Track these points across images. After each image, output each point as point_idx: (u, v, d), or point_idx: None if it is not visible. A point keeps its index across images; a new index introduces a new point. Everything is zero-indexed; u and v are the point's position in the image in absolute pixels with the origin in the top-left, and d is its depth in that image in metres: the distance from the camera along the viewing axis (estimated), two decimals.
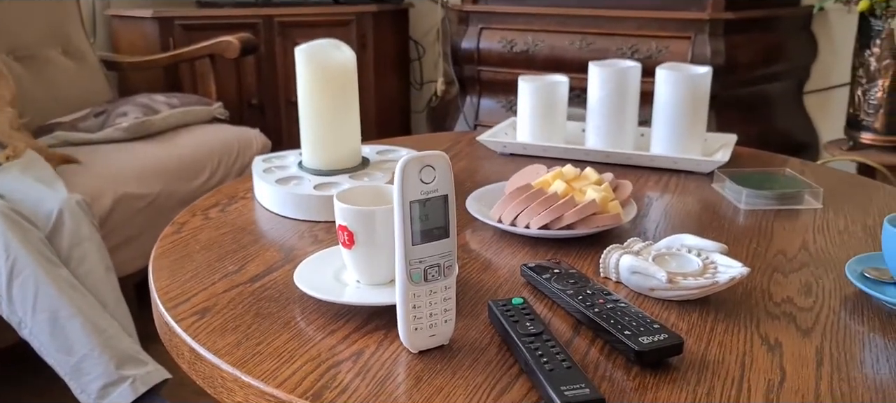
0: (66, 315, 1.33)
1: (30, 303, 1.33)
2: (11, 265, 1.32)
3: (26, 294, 1.33)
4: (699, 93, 1.17)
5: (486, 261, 0.85)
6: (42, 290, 1.33)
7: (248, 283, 0.79)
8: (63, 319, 1.33)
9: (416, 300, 0.64)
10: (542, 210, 0.88)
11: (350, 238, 0.73)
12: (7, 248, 1.31)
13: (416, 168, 0.61)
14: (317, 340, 0.68)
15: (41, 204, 1.46)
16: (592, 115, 1.23)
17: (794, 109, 2.60)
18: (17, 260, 1.32)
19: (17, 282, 1.33)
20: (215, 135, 2.06)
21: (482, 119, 2.60)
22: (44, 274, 1.33)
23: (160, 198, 1.79)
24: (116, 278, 1.52)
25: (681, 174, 1.17)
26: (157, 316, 0.77)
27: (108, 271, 1.49)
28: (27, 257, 1.33)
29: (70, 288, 1.37)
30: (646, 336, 0.64)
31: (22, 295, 1.33)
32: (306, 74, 1.02)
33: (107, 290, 1.47)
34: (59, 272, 1.38)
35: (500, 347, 0.67)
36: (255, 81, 2.58)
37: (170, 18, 2.45)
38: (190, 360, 0.69)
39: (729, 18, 2.20)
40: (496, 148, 1.29)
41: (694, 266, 0.76)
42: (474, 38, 2.51)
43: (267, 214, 1.01)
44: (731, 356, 0.65)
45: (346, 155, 1.05)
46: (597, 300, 0.71)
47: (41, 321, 1.33)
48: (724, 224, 0.97)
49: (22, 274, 1.32)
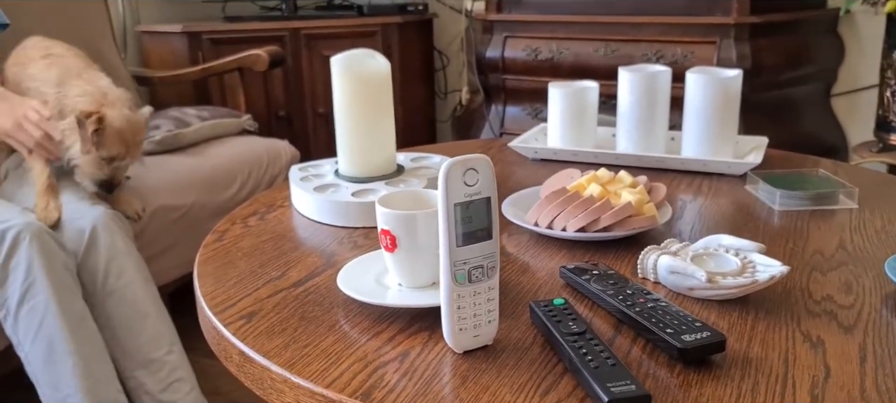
0: (62, 350, 1.34)
1: (33, 329, 1.35)
2: (28, 287, 1.33)
3: (32, 319, 1.34)
4: (730, 95, 1.17)
5: (524, 264, 0.86)
6: (48, 320, 1.34)
7: (291, 288, 0.81)
8: (58, 353, 1.34)
9: (461, 301, 0.65)
10: (578, 213, 0.89)
11: (392, 242, 0.74)
12: (29, 270, 1.33)
13: (460, 171, 0.62)
14: (362, 342, 0.69)
15: (75, 220, 1.48)
16: (623, 120, 1.24)
17: (822, 112, 2.58)
18: (34, 284, 1.34)
19: (28, 305, 1.34)
20: (245, 147, 2.09)
21: (508, 127, 2.61)
22: (56, 305, 1.34)
23: (194, 209, 1.82)
24: (155, 288, 1.54)
25: (712, 177, 1.18)
26: (204, 321, 0.79)
27: (146, 282, 1.51)
28: (45, 282, 1.34)
29: (77, 322, 1.37)
30: (688, 333, 0.64)
31: (28, 319, 1.34)
32: (342, 84, 1.04)
33: (147, 301, 1.49)
34: (74, 304, 1.39)
35: (543, 347, 0.68)
36: (283, 93, 2.61)
37: (198, 33, 2.49)
38: (238, 363, 0.71)
39: (754, 22, 2.19)
40: (527, 153, 1.30)
41: (732, 265, 0.76)
42: (499, 46, 2.53)
43: (305, 221, 1.02)
44: (774, 353, 0.65)
45: (381, 162, 1.07)
46: (637, 299, 0.71)
47: (39, 349, 1.35)
48: (759, 225, 0.97)
49: (35, 299, 1.34)
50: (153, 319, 1.49)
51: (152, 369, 1.48)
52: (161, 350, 1.49)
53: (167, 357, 1.49)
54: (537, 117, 2.57)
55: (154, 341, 1.49)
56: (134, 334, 1.47)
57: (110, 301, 1.47)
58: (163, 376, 1.48)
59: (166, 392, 1.48)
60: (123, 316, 1.47)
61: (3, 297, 1.34)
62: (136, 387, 1.47)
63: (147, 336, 1.48)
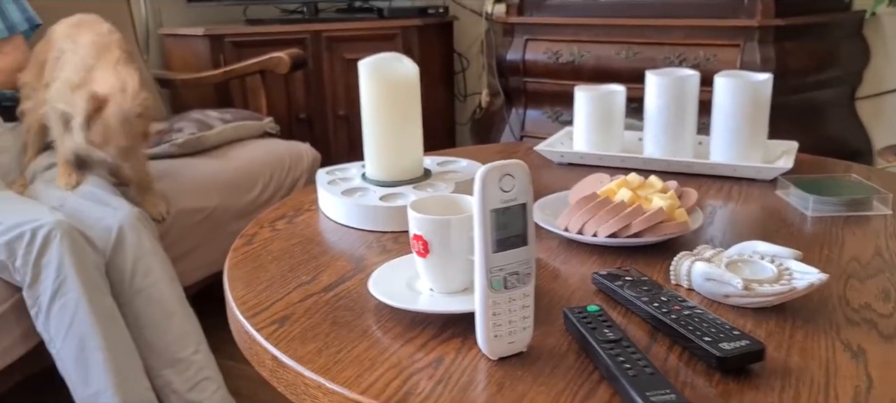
0: (93, 346, 1.36)
1: (65, 326, 1.36)
2: (59, 284, 1.35)
3: (64, 316, 1.36)
4: (760, 100, 1.16)
5: (555, 270, 0.86)
6: (79, 317, 1.35)
7: (322, 293, 0.81)
8: (89, 350, 1.36)
9: (496, 307, 0.64)
10: (609, 218, 0.88)
11: (425, 247, 0.74)
12: (60, 267, 1.34)
13: (496, 177, 0.62)
14: (395, 348, 0.69)
15: (102, 220, 1.49)
16: (650, 124, 1.23)
17: (847, 115, 2.55)
18: (66, 281, 1.35)
19: (60, 303, 1.35)
20: (267, 150, 2.09)
21: (528, 130, 2.60)
22: (86, 302, 1.36)
23: (217, 212, 1.82)
24: (181, 288, 1.55)
25: (742, 181, 1.16)
26: (235, 325, 0.79)
27: (172, 281, 1.52)
28: (76, 280, 1.35)
29: (108, 319, 1.39)
30: (726, 342, 0.64)
31: (60, 316, 1.36)
32: (370, 87, 1.04)
33: (173, 301, 1.50)
34: (103, 301, 1.40)
35: (579, 354, 0.67)
36: (304, 95, 2.62)
37: (220, 36, 2.50)
38: (271, 368, 0.71)
39: (779, 25, 2.17)
40: (553, 158, 1.29)
41: (768, 272, 0.75)
42: (520, 49, 2.52)
43: (333, 225, 1.02)
44: (814, 362, 0.64)
45: (409, 166, 1.07)
46: (673, 306, 0.71)
47: (70, 346, 1.36)
48: (792, 231, 0.96)
49: (66, 297, 1.35)
50: (179, 318, 1.50)
51: (179, 368, 1.49)
52: (188, 350, 1.50)
53: (194, 356, 1.50)
54: (558, 120, 2.56)
55: (181, 340, 1.50)
56: (161, 333, 1.49)
57: (137, 299, 1.48)
58: (190, 375, 1.49)
59: (193, 391, 1.49)
60: (150, 315, 1.48)
61: (35, 295, 1.35)
62: (163, 386, 1.48)
63: (174, 336, 1.49)
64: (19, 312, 1.38)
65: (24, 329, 1.40)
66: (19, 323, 1.39)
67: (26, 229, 1.34)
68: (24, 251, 1.33)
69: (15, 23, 1.83)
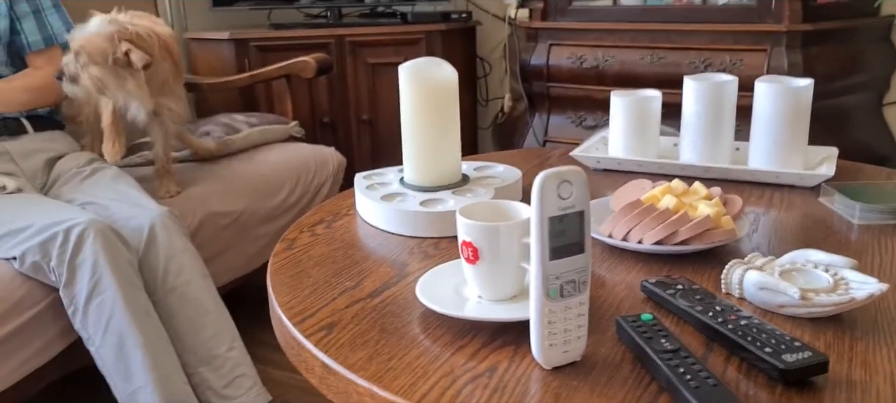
0: (131, 343, 1.37)
1: (103, 325, 1.37)
2: (95, 283, 1.36)
3: (101, 314, 1.36)
4: (801, 105, 1.14)
5: (601, 278, 0.85)
6: (116, 314, 1.36)
7: (368, 299, 0.80)
8: (128, 347, 1.37)
9: (552, 316, 0.64)
10: (655, 225, 0.87)
11: (474, 253, 0.73)
12: (95, 266, 1.35)
13: (555, 183, 0.61)
14: (446, 356, 0.68)
15: (132, 219, 1.50)
16: (687, 130, 1.22)
17: (874, 121, 2.52)
18: (101, 280, 1.36)
19: (96, 301, 1.36)
20: (293, 154, 2.09)
21: (552, 135, 2.59)
22: (122, 299, 1.37)
23: (244, 216, 1.82)
24: (214, 286, 1.55)
25: (783, 188, 1.15)
26: (281, 331, 0.78)
27: (205, 278, 1.53)
28: (111, 278, 1.36)
29: (144, 316, 1.40)
30: (788, 353, 0.62)
31: (97, 314, 1.37)
32: (410, 92, 1.03)
33: (207, 298, 1.51)
34: (138, 298, 1.41)
35: (634, 364, 0.66)
36: (327, 100, 2.62)
37: (245, 40, 2.51)
38: (321, 375, 0.70)
39: (806, 30, 2.15)
40: (589, 163, 1.28)
41: (824, 282, 0.74)
42: (544, 54, 2.51)
43: (372, 230, 1.02)
44: (879, 375, 0.63)
45: (448, 171, 1.06)
46: (729, 316, 0.69)
47: (109, 344, 1.37)
48: (839, 239, 0.94)
49: (102, 295, 1.36)
50: (214, 316, 1.50)
51: (215, 365, 1.49)
52: (223, 347, 1.50)
53: (229, 353, 1.50)
54: (581, 125, 2.55)
55: (216, 337, 1.50)
56: (196, 330, 1.49)
57: (171, 298, 1.48)
58: (225, 372, 1.49)
59: (229, 388, 1.49)
60: (185, 314, 1.49)
61: (71, 294, 1.36)
62: (199, 383, 1.49)
63: (209, 333, 1.50)
64: (56, 311, 1.39)
65: (61, 327, 1.41)
66: (56, 322, 1.40)
67: (60, 229, 1.35)
68: (59, 251, 1.34)
69: (54, 33, 1.79)
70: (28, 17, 1.74)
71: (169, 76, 1.67)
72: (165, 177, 1.78)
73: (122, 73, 1.57)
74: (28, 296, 1.36)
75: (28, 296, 1.36)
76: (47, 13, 1.78)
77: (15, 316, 1.34)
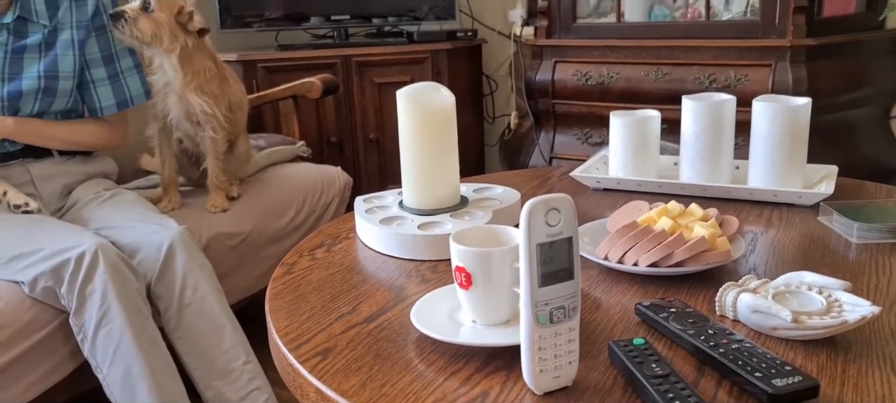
0: (137, 373, 1.39)
1: (110, 354, 1.39)
2: (104, 313, 1.38)
3: (109, 344, 1.39)
4: (799, 124, 1.15)
5: (596, 300, 0.85)
6: (123, 344, 1.38)
7: (363, 324, 0.81)
8: (134, 376, 1.39)
9: (542, 341, 0.64)
10: (650, 247, 0.87)
11: (467, 279, 0.74)
12: (104, 296, 1.37)
13: (542, 211, 0.62)
14: (439, 381, 0.69)
15: (152, 236, 1.52)
16: (686, 149, 1.22)
17: (881, 135, 2.51)
18: (109, 310, 1.38)
19: (104, 331, 1.38)
20: (300, 174, 2.11)
21: (557, 152, 2.60)
22: (129, 330, 1.39)
23: (251, 237, 1.84)
24: (227, 302, 1.57)
25: (782, 207, 1.15)
26: (278, 356, 0.79)
27: (220, 294, 1.55)
28: (118, 308, 1.38)
29: (150, 345, 1.42)
30: (778, 378, 0.62)
31: (105, 343, 1.39)
32: (408, 116, 1.04)
33: (223, 314, 1.53)
34: (145, 326, 1.43)
35: (625, 388, 0.66)
36: (334, 119, 2.64)
37: (253, 61, 2.53)
38: (315, 401, 0.71)
39: (811, 45, 2.15)
40: (589, 183, 1.29)
41: (817, 304, 0.74)
42: (549, 71, 2.52)
43: (371, 254, 1.03)
44: (870, 398, 0.63)
45: (446, 194, 1.07)
46: (721, 340, 0.70)
47: (116, 372, 1.39)
48: (837, 258, 0.94)
49: (110, 325, 1.38)
50: (229, 330, 1.52)
51: (231, 379, 1.50)
52: (238, 360, 1.52)
53: (245, 367, 1.52)
54: (587, 142, 2.55)
55: (231, 351, 1.52)
56: (212, 345, 1.51)
57: (188, 312, 1.50)
58: (241, 385, 1.51)
59: (245, 401, 1.50)
60: (202, 328, 1.51)
61: (80, 322, 1.38)
62: (214, 397, 1.50)
63: (225, 347, 1.51)
64: (65, 333, 1.41)
65: (70, 349, 1.43)
66: (65, 344, 1.42)
67: (71, 256, 1.37)
68: (69, 278, 1.36)
69: (131, 97, 1.77)
70: (103, 82, 1.72)
71: (207, 73, 1.75)
72: (215, 193, 1.81)
73: (178, 34, 1.64)
74: (37, 318, 1.38)
75: (37, 318, 1.38)
76: (126, 76, 1.76)
77: (24, 338, 1.35)
